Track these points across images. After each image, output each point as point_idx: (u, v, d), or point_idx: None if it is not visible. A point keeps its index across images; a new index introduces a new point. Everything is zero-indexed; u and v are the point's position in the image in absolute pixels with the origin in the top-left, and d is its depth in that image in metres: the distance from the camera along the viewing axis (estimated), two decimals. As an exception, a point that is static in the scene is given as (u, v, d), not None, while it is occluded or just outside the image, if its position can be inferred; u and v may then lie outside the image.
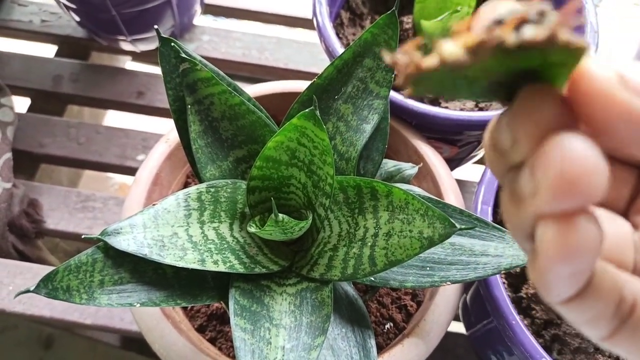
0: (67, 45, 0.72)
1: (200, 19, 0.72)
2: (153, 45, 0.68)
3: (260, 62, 0.69)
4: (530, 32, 0.12)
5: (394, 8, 0.32)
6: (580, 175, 0.13)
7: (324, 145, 0.31)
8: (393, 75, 0.34)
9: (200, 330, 0.40)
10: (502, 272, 0.33)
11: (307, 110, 0.29)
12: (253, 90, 0.44)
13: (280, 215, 0.29)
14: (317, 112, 0.29)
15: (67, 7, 0.61)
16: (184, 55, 0.32)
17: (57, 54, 0.71)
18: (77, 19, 0.64)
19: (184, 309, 0.41)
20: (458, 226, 0.27)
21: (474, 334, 0.46)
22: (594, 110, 0.15)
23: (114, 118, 0.80)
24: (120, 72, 0.68)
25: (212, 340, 0.40)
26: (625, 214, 0.19)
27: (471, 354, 0.53)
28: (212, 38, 0.71)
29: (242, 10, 0.74)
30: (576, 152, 0.13)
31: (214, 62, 0.70)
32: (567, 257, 0.14)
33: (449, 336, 0.55)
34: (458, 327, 0.52)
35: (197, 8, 0.68)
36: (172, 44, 0.32)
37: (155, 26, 0.32)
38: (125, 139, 0.64)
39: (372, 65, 0.35)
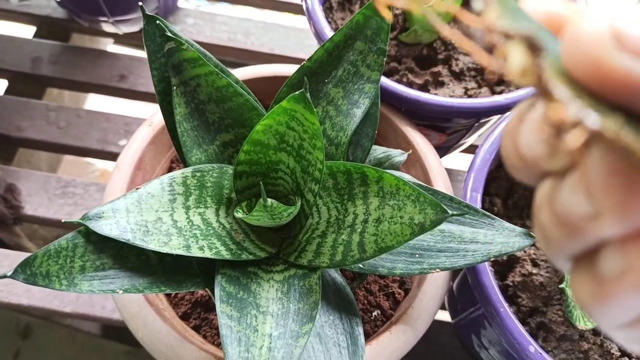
0: (47, 26, 0.70)
1: (185, 1, 0.70)
2: (136, 27, 0.67)
3: (246, 47, 0.67)
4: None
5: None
6: None
7: (314, 129, 0.30)
8: (384, 59, 0.33)
9: (185, 317, 0.40)
10: (491, 259, 0.33)
11: (297, 92, 0.29)
12: (240, 73, 0.43)
13: (269, 200, 0.29)
14: (308, 95, 0.28)
15: (46, -14, 0.59)
16: (169, 34, 0.31)
17: (36, 35, 0.69)
18: (57, -2, 0.62)
19: (168, 296, 0.40)
20: (450, 212, 0.27)
21: (459, 322, 0.46)
22: (594, 82, 0.11)
23: (95, 102, 0.78)
24: (101, 54, 0.66)
25: (196, 328, 0.39)
26: None
27: (454, 342, 0.53)
28: (197, 21, 0.69)
29: (228, -6, 0.73)
30: None
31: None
32: None
33: (432, 324, 0.55)
34: (441, 316, 0.52)
35: (182, -10, 0.67)
36: (158, 22, 0.31)
37: (140, 3, 0.30)
38: (107, 123, 0.62)
39: (363, 48, 0.34)
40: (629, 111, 0.11)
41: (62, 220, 0.27)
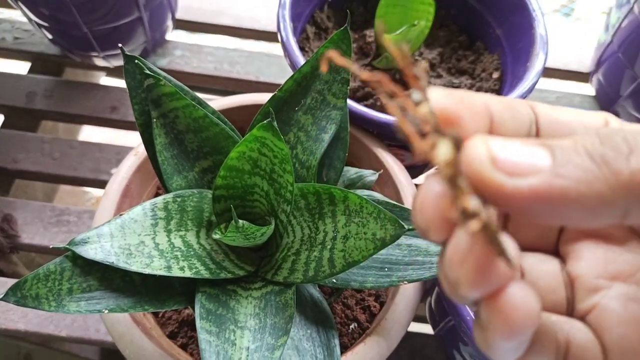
0: (41, 62, 0.73)
1: (173, 34, 0.74)
2: (126, 60, 0.70)
3: (232, 76, 0.70)
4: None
5: (346, 25, 0.34)
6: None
7: (283, 154, 0.33)
8: (348, 88, 0.36)
9: (172, 336, 0.42)
10: (455, 270, 0.35)
11: (265, 121, 0.31)
12: (220, 103, 0.46)
13: (240, 222, 0.31)
14: (275, 124, 0.31)
15: (39, 25, 0.62)
16: (147, 71, 0.33)
17: (31, 71, 0.72)
18: (50, 36, 0.65)
19: (155, 316, 0.42)
20: (406, 227, 0.29)
21: (439, 332, 0.48)
22: (481, 190, 0.15)
23: (88, 133, 0.81)
24: (94, 87, 0.69)
25: (183, 347, 0.41)
26: (556, 245, 0.21)
27: (439, 354, 0.55)
28: (185, 53, 0.72)
29: (214, 25, 0.76)
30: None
31: (186, 76, 0.71)
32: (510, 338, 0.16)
33: (417, 337, 0.57)
34: (427, 328, 0.54)
35: (169, 24, 0.70)
36: (136, 60, 0.34)
37: (120, 45, 0.33)
38: (99, 153, 0.65)
39: (328, 78, 0.37)
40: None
41: (50, 246, 0.29)
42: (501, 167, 0.15)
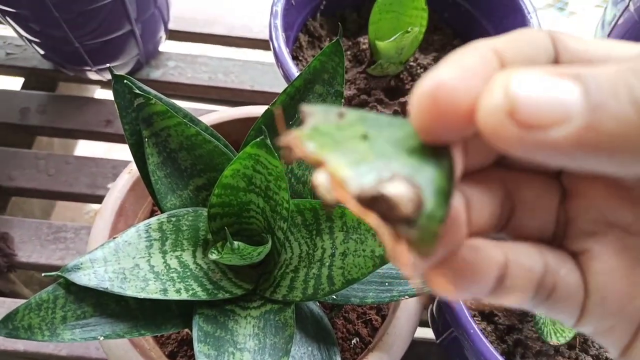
0: (34, 77, 0.72)
1: (166, 45, 0.73)
2: (121, 72, 0.69)
3: (227, 85, 0.70)
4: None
5: (337, 37, 0.33)
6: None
7: (278, 171, 0.32)
8: (342, 101, 0.35)
9: (172, 356, 0.41)
10: (457, 283, 0.34)
11: (258, 139, 0.31)
12: (213, 117, 0.45)
13: (236, 243, 0.30)
14: (268, 141, 0.30)
15: (30, 41, 0.61)
16: (137, 91, 0.33)
17: (24, 86, 0.72)
18: (42, 52, 0.64)
19: (154, 336, 0.42)
20: (405, 244, 0.29)
21: (442, 342, 0.47)
22: (492, 144, 0.13)
23: (84, 147, 0.80)
24: (87, 101, 0.69)
25: (183, 366, 0.41)
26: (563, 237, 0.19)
27: (444, 362, 0.54)
28: (179, 64, 0.72)
29: (207, 35, 0.75)
30: None
31: (180, 87, 0.71)
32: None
33: (421, 344, 0.56)
34: (430, 334, 0.54)
35: (162, 35, 0.69)
36: (125, 80, 0.33)
37: (112, 58, 0.33)
38: (95, 167, 0.64)
39: (322, 91, 0.36)
40: None
41: (43, 275, 0.29)
42: (521, 120, 0.12)
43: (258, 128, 0.37)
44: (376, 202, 0.12)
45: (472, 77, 0.14)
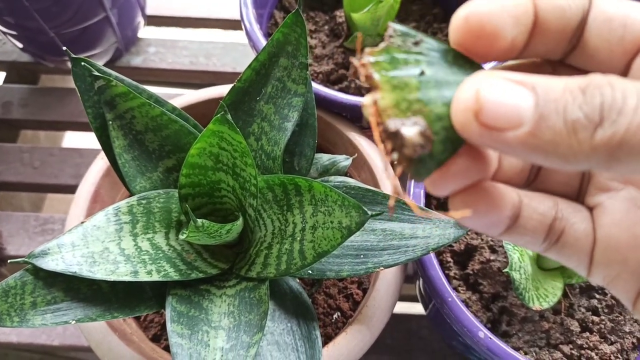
0: (15, 71, 0.72)
1: (146, 31, 0.72)
2: (101, 61, 0.69)
3: (208, 69, 0.69)
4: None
5: (297, 7, 0.33)
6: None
7: (242, 147, 0.31)
8: (307, 72, 0.35)
9: (155, 339, 0.41)
10: (431, 251, 0.34)
11: (219, 115, 0.30)
12: (185, 99, 0.45)
13: (200, 221, 0.30)
14: (229, 116, 0.30)
15: (6, 34, 0.61)
16: (96, 73, 0.32)
17: (6, 81, 0.71)
18: (20, 45, 0.64)
19: (137, 320, 0.42)
20: (369, 213, 0.28)
21: (429, 314, 0.47)
22: (461, 135, 0.16)
23: (71, 139, 0.80)
24: (69, 92, 0.68)
25: (167, 349, 0.40)
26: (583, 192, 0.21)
27: (435, 335, 0.54)
28: (159, 49, 0.71)
29: (186, 19, 0.74)
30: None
31: (162, 72, 0.70)
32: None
33: (413, 319, 0.56)
34: (422, 309, 0.54)
35: (140, 20, 0.68)
36: (83, 62, 0.32)
37: (65, 48, 0.32)
38: (80, 158, 0.64)
39: (287, 64, 0.35)
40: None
41: (8, 261, 0.29)
42: (484, 122, 0.15)
43: (225, 105, 0.36)
44: (395, 137, 0.15)
45: (499, 13, 0.17)
